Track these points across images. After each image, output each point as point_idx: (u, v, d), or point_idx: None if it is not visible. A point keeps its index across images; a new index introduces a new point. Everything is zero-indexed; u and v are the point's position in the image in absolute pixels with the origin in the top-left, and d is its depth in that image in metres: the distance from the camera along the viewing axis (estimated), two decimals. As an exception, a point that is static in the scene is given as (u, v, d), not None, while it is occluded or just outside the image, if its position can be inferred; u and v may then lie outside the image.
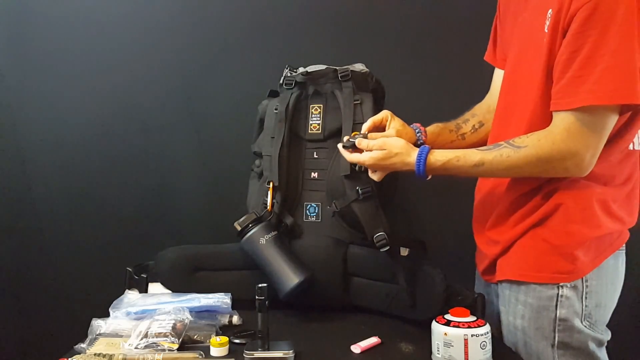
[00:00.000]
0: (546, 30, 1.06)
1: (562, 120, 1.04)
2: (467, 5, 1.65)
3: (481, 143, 1.32)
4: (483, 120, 1.35)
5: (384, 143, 1.16)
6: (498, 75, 1.35)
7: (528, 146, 1.06)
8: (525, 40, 1.16)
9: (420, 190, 1.62)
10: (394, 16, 1.69)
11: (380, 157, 1.15)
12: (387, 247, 1.23)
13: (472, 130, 1.34)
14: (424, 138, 1.27)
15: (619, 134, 1.08)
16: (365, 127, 1.23)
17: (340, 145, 1.22)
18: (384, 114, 1.24)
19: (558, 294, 1.11)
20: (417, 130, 1.27)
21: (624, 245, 1.16)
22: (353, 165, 1.24)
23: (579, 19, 0.99)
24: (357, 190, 1.26)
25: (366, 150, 1.17)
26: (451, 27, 1.67)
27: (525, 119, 1.12)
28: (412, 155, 1.13)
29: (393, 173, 1.21)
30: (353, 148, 1.19)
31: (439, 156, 1.13)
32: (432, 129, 1.31)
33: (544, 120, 1.08)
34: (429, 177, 1.15)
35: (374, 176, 1.20)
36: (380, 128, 1.24)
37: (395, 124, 1.23)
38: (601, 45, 0.98)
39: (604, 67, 0.98)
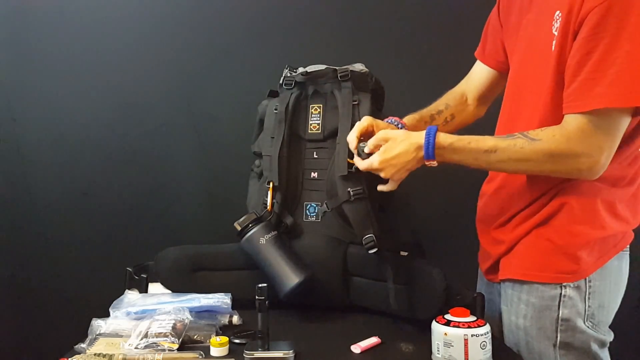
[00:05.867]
0: (554, 32, 1.05)
1: (575, 120, 1.02)
2: (468, 5, 1.65)
3: None
4: (455, 112, 1.34)
5: (385, 134, 1.12)
6: (480, 65, 1.35)
7: (542, 140, 1.04)
8: (530, 42, 1.15)
9: (420, 189, 1.61)
10: (394, 16, 1.69)
11: (385, 149, 1.10)
12: (375, 249, 1.22)
13: (444, 123, 1.32)
14: (407, 129, 1.23)
15: (632, 137, 1.07)
16: (354, 139, 1.16)
17: (356, 159, 1.17)
18: (368, 120, 1.19)
19: (561, 293, 1.10)
20: (397, 125, 1.24)
21: (628, 246, 1.16)
22: (350, 166, 1.23)
23: (590, 21, 0.98)
24: (349, 191, 1.25)
25: (372, 151, 1.13)
26: (452, 27, 1.68)
27: (534, 123, 1.10)
28: (419, 136, 1.09)
29: None
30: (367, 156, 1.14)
31: (448, 136, 1.09)
32: (408, 121, 1.27)
33: (554, 124, 1.06)
34: (436, 163, 1.09)
35: (387, 187, 1.15)
36: (367, 136, 1.19)
37: (381, 125, 1.19)
38: (614, 48, 0.97)
39: (617, 70, 0.97)
